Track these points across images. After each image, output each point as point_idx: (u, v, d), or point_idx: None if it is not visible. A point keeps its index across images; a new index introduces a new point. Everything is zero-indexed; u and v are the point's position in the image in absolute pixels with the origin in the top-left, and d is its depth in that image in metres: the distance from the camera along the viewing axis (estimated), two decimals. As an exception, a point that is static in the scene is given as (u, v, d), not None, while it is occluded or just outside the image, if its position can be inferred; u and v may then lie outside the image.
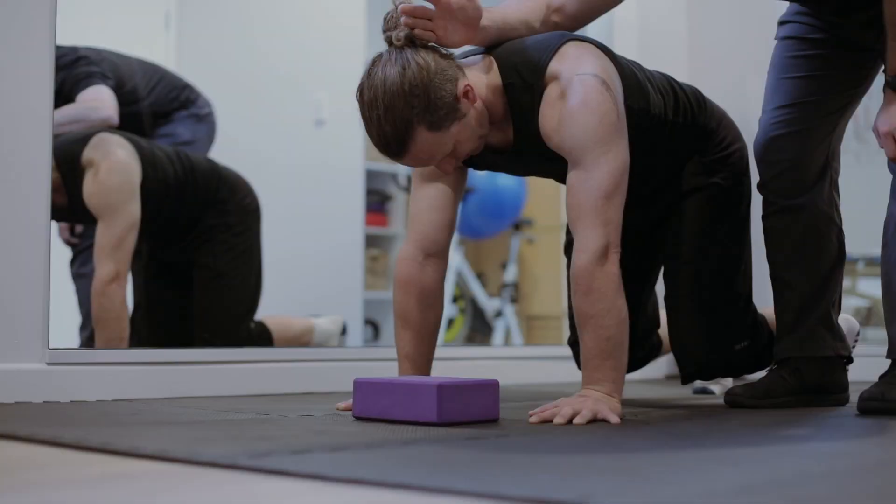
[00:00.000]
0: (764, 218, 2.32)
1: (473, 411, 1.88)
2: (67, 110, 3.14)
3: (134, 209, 2.91)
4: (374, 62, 1.97)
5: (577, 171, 1.94)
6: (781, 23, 2.33)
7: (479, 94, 2.02)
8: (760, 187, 2.32)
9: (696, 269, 2.27)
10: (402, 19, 1.97)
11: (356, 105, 1.97)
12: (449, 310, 5.36)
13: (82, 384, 2.34)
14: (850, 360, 2.33)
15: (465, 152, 2.02)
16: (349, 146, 4.50)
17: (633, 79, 2.11)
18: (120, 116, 3.31)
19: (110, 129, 3.13)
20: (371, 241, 5.46)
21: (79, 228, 3.49)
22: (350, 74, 4.71)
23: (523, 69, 2.03)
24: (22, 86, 2.30)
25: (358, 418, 1.94)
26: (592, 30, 3.79)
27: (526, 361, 3.29)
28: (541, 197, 5.92)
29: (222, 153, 3.73)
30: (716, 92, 3.74)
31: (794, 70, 2.26)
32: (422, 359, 2.19)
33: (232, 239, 3.22)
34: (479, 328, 5.80)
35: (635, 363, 2.44)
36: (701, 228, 2.28)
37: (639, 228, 2.30)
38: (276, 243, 4.09)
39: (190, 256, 3.23)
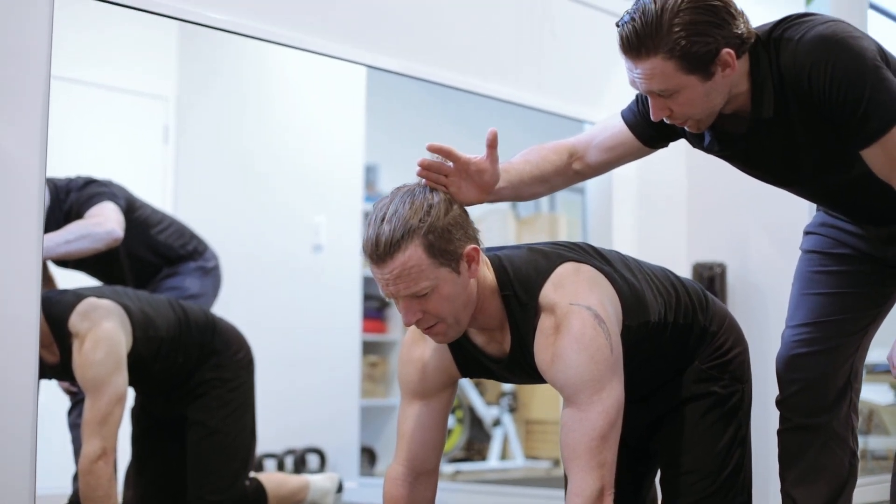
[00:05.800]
0: (779, 433, 2.27)
1: None
2: (72, 227, 3.11)
3: (120, 382, 2.82)
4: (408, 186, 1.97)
5: (570, 409, 1.89)
6: (806, 233, 2.28)
7: (480, 276, 1.96)
8: (778, 403, 2.26)
9: (695, 481, 2.19)
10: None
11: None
12: (447, 420, 5.30)
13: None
14: (849, 580, 2.26)
15: (435, 313, 1.92)
16: (347, 267, 4.46)
17: (631, 293, 2.05)
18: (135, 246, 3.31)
19: (102, 297, 3.05)
20: (369, 348, 5.39)
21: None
22: (348, 199, 4.71)
23: (518, 286, 1.98)
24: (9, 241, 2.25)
25: None
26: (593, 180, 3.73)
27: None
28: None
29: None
30: (716, 247, 3.69)
31: (817, 286, 2.21)
32: (414, 583, 2.12)
33: (227, 395, 3.14)
34: (477, 436, 5.72)
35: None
36: (699, 438, 2.20)
37: (634, 425, 2.23)
38: (273, 354, 4.03)
39: (183, 412, 3.15)
